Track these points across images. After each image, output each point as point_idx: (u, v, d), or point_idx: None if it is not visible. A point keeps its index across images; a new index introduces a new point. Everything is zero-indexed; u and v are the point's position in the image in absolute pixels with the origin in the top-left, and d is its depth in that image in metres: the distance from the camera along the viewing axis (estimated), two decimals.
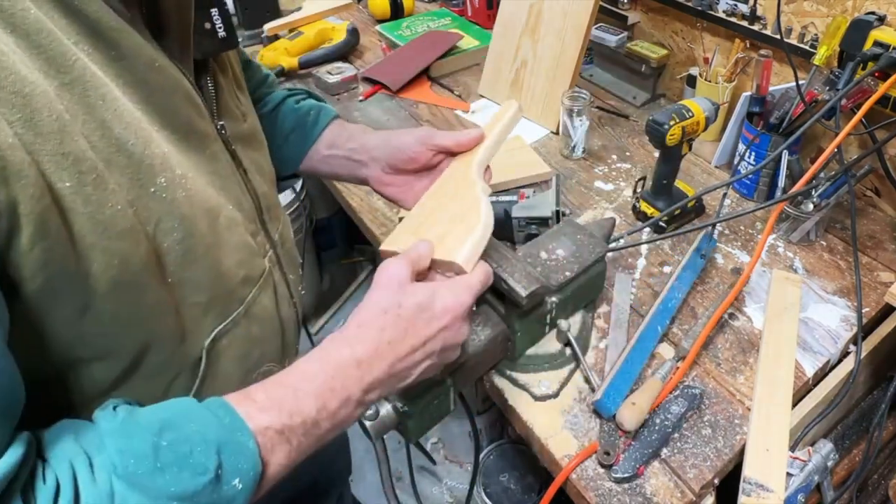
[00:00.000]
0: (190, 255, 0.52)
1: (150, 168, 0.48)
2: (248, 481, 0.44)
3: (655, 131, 0.96)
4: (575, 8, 1.24)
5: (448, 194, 0.71)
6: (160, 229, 0.49)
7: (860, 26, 0.91)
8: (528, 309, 0.76)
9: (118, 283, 0.46)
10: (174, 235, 0.50)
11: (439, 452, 1.77)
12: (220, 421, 0.45)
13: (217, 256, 0.55)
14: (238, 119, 0.64)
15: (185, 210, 0.51)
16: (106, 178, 0.44)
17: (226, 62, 0.64)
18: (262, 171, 0.67)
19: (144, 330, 0.51)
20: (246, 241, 0.60)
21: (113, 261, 0.45)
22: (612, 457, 0.72)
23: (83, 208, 0.43)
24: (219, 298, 0.57)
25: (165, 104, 0.51)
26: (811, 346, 0.86)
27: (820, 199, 0.97)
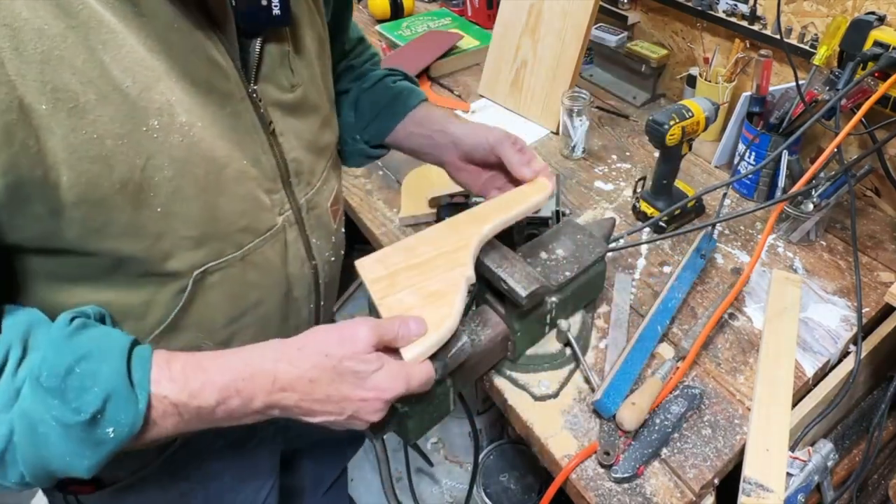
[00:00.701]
0: (180, 193, 0.57)
1: (144, 110, 0.53)
2: (120, 434, 0.50)
3: (655, 131, 0.96)
4: (575, 8, 1.24)
5: (445, 248, 0.72)
6: (150, 164, 0.55)
7: (860, 26, 0.91)
8: (528, 309, 0.76)
9: (86, 200, 0.52)
10: (164, 172, 0.56)
11: (439, 452, 1.77)
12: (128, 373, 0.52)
13: (214, 201, 0.61)
14: (283, 88, 0.69)
15: (179, 153, 0.56)
16: (88, 109, 0.50)
17: (284, 36, 0.68)
18: (300, 138, 0.71)
19: (119, 244, 0.56)
20: (255, 195, 0.66)
21: (81, 179, 0.51)
22: (612, 457, 0.72)
23: (57, 129, 0.49)
24: (211, 238, 0.62)
25: (184, 61, 0.57)
26: (811, 346, 0.86)
27: (820, 199, 0.97)
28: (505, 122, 1.36)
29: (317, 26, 0.75)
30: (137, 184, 0.54)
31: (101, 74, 0.50)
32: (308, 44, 0.72)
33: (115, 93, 0.51)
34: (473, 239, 0.72)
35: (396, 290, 0.67)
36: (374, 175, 1.22)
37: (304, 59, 0.72)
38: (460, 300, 0.66)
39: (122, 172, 0.53)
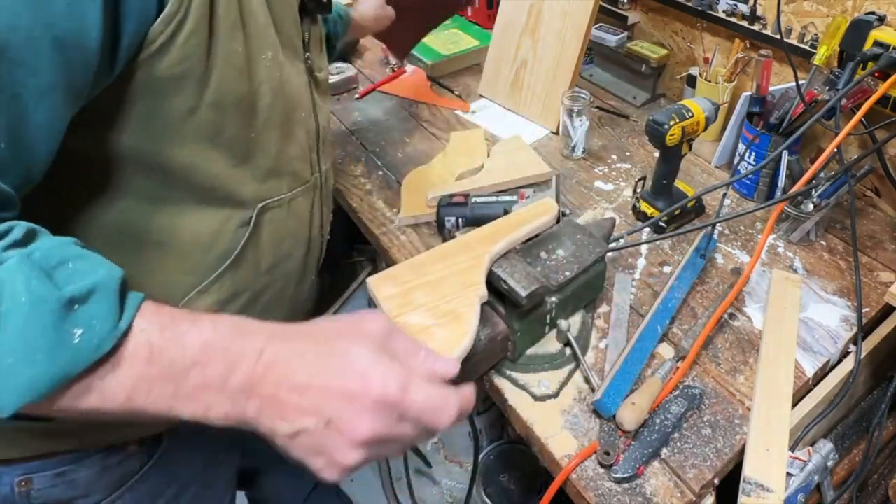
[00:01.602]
0: (271, 122, 0.66)
1: (263, 41, 0.62)
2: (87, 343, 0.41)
3: (655, 131, 0.96)
4: (575, 8, 1.24)
5: (456, 267, 0.74)
6: (260, 91, 0.63)
7: (860, 26, 0.91)
8: (528, 309, 0.76)
9: (218, 104, 0.59)
10: (266, 99, 0.64)
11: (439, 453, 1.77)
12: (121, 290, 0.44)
13: (287, 137, 0.70)
14: (317, 68, 0.78)
15: (277, 86, 0.66)
16: (237, 27, 0.59)
17: (318, 23, 0.80)
18: (324, 115, 0.81)
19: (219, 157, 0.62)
20: (305, 146, 0.75)
21: (222, 85, 0.59)
22: (612, 457, 0.72)
23: (221, 34, 0.57)
24: (275, 174, 0.70)
25: (281, 14, 0.66)
26: (811, 346, 0.86)
27: (820, 199, 0.97)
28: (505, 121, 1.36)
29: None
30: (250, 104, 0.63)
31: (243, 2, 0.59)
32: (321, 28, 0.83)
33: (251, 19, 0.60)
34: (484, 258, 0.74)
35: (410, 309, 0.68)
36: (374, 175, 1.22)
37: (321, 51, 0.82)
38: (475, 320, 0.67)
39: (244, 89, 0.61)
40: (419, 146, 1.30)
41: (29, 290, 0.40)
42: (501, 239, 0.77)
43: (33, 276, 0.41)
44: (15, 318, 0.40)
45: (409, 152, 1.28)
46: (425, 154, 1.27)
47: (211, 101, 0.59)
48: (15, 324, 0.40)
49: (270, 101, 0.65)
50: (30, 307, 0.40)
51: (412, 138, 1.33)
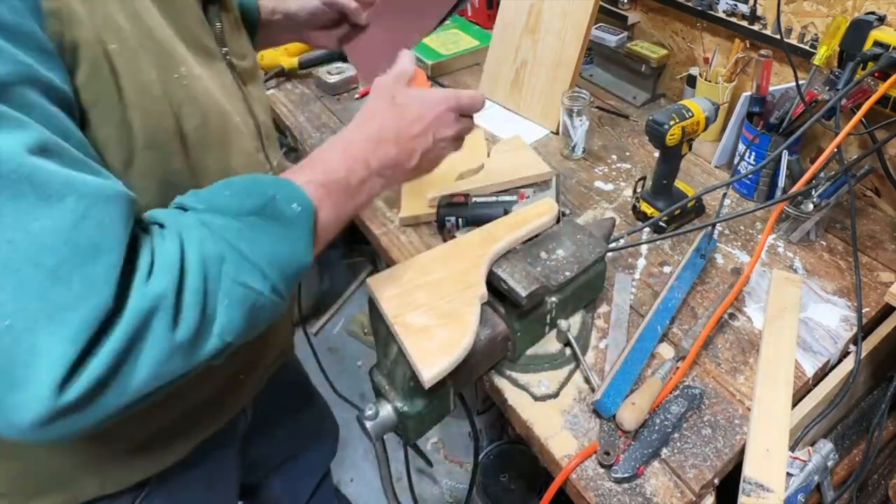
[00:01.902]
0: (205, 143, 0.61)
1: (172, 57, 0.57)
2: (306, 207, 0.55)
3: (655, 131, 0.96)
4: (575, 8, 1.24)
5: (457, 268, 0.74)
6: (183, 112, 0.58)
7: (860, 26, 0.91)
8: (528, 309, 0.76)
9: (153, 144, 0.55)
10: (193, 121, 0.59)
11: (439, 452, 1.77)
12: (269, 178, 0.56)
13: (227, 152, 0.65)
14: (240, 56, 0.74)
15: (203, 103, 0.60)
16: (139, 52, 0.53)
17: (230, 6, 0.74)
18: (261, 104, 0.77)
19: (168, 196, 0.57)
20: (250, 151, 0.70)
21: (149, 121, 0.54)
22: (612, 457, 0.72)
23: (126, 68, 0.52)
24: None
25: (181, 19, 0.61)
26: (811, 346, 0.86)
27: (820, 199, 0.97)
28: (505, 121, 1.36)
29: None
30: (179, 131, 0.58)
31: (137, 21, 0.54)
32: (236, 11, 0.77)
33: (150, 40, 0.55)
34: (484, 259, 0.74)
35: (410, 309, 0.68)
36: None
37: (242, 33, 0.77)
38: (475, 320, 0.67)
39: (170, 118, 0.57)
40: None
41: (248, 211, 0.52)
42: (501, 239, 0.77)
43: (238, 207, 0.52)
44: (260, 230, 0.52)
45: None
46: None
47: (143, 145, 0.55)
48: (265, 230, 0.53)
49: (199, 122, 0.60)
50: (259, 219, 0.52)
51: None
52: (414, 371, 0.66)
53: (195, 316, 0.47)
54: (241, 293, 0.50)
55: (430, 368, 0.63)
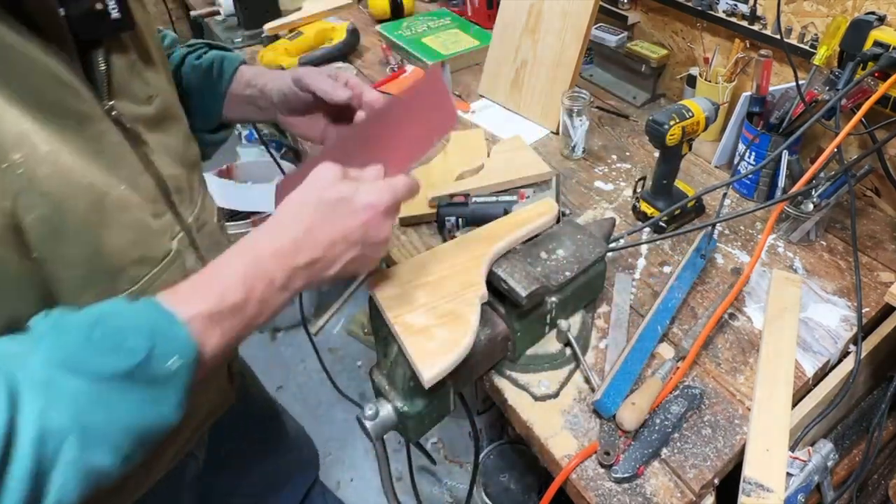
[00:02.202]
0: (59, 233, 0.52)
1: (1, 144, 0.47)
2: (186, 359, 0.47)
3: (655, 131, 0.96)
4: (575, 8, 1.24)
5: (456, 268, 0.74)
6: (19, 205, 0.48)
7: (860, 26, 0.91)
8: (528, 309, 0.76)
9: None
10: (37, 212, 0.50)
11: (439, 452, 1.77)
12: (149, 313, 0.48)
13: (98, 235, 0.55)
14: (140, 101, 0.63)
15: (52, 187, 0.50)
16: None
17: (127, 44, 0.63)
18: (172, 153, 0.67)
19: (12, 302, 0.51)
20: (144, 222, 0.61)
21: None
22: (612, 457, 0.72)
23: None
24: (101, 276, 0.56)
25: (25, 84, 0.50)
26: (811, 346, 0.86)
27: (820, 199, 0.97)
28: (505, 121, 1.36)
29: (153, 30, 0.70)
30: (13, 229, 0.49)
31: None
32: (153, 51, 0.67)
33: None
34: (484, 259, 0.74)
35: (410, 309, 0.68)
36: None
37: (154, 68, 0.67)
38: (475, 320, 0.67)
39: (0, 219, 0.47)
40: None
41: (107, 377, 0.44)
42: (501, 239, 0.77)
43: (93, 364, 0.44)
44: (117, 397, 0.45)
45: None
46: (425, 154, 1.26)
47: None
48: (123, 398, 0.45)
49: (48, 211, 0.50)
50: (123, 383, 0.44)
51: None
52: (414, 371, 0.66)
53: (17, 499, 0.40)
54: (82, 474, 0.43)
55: (430, 368, 0.63)
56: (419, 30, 1.68)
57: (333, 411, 1.89)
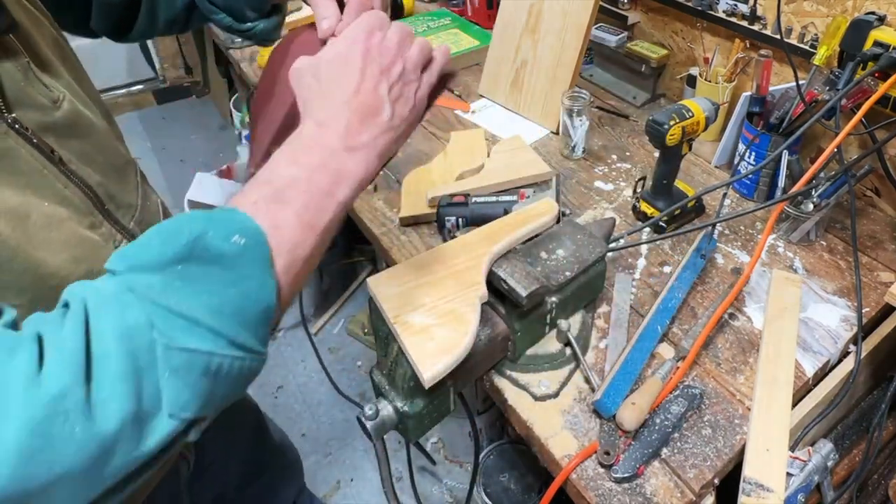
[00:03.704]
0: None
1: None
2: (252, 236, 0.44)
3: (655, 131, 0.96)
4: (575, 8, 1.24)
5: (456, 267, 0.74)
6: None
7: (860, 26, 0.91)
8: (528, 309, 0.76)
9: None
10: None
11: (439, 452, 1.77)
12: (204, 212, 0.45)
13: (34, 257, 0.52)
14: (45, 107, 0.57)
15: None
16: None
17: (14, 46, 0.56)
18: (91, 161, 0.62)
19: None
20: (81, 235, 0.57)
21: None
22: (612, 457, 0.72)
23: None
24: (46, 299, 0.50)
25: None
26: (811, 346, 0.86)
27: (820, 199, 0.97)
28: (505, 121, 1.36)
29: (45, 28, 0.63)
30: None
31: None
32: (45, 52, 0.61)
33: None
34: (484, 258, 0.74)
35: (410, 309, 0.68)
36: None
37: (51, 70, 0.61)
38: (475, 320, 0.67)
39: None
40: (419, 146, 1.30)
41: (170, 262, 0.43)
42: (501, 239, 0.77)
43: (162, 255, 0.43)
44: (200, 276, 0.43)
45: (409, 152, 1.28)
46: (425, 154, 1.27)
47: None
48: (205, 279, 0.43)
49: None
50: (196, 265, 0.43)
51: (412, 138, 1.33)
52: (414, 371, 0.66)
53: (123, 404, 0.38)
54: (185, 359, 0.41)
55: (430, 368, 0.63)
56: (419, 30, 1.69)
57: (333, 411, 1.89)
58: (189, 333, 0.41)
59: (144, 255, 0.43)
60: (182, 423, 0.41)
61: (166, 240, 0.43)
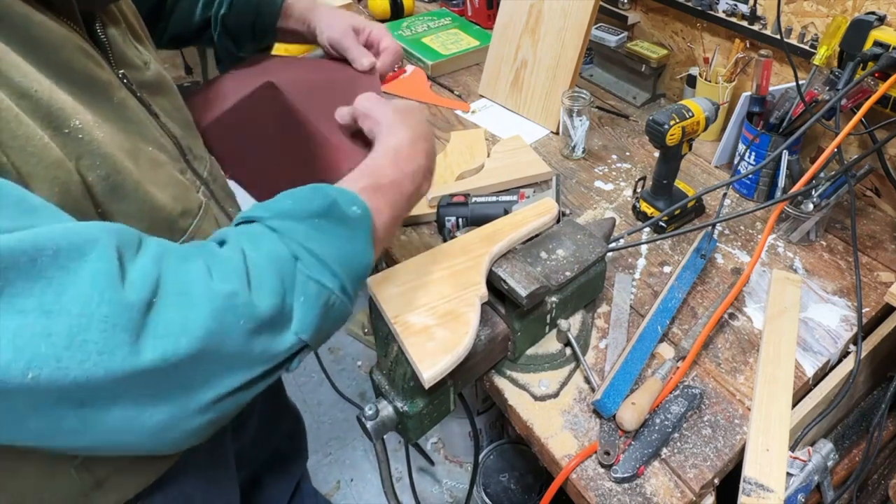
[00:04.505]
0: (119, 191, 0.56)
1: (62, 111, 0.51)
2: (364, 210, 0.56)
3: (655, 131, 0.96)
4: (575, 8, 1.24)
5: (456, 268, 0.74)
6: (82, 165, 0.52)
7: (860, 26, 0.91)
8: (528, 309, 0.76)
9: (65, 209, 0.48)
10: (99, 172, 0.54)
11: (439, 452, 1.77)
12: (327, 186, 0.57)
13: (148, 191, 0.59)
14: (140, 68, 0.67)
15: (105, 149, 0.54)
16: (22, 118, 0.47)
17: (116, 14, 0.66)
18: (172, 117, 0.71)
19: None
20: (176, 178, 0.65)
21: (54, 188, 0.49)
22: (612, 457, 0.72)
23: (12, 142, 0.46)
24: (159, 229, 0.60)
25: (56, 57, 0.53)
26: (811, 346, 0.86)
27: (820, 199, 0.97)
28: (505, 121, 1.36)
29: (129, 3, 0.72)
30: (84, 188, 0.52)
31: (6, 84, 0.47)
32: (133, 21, 0.71)
33: (25, 100, 0.48)
34: (484, 258, 0.74)
35: (410, 309, 0.68)
36: None
37: (138, 37, 0.71)
38: (475, 320, 0.67)
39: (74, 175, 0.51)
40: None
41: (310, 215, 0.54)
42: (501, 239, 0.77)
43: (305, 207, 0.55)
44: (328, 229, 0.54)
45: None
46: None
47: None
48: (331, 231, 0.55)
49: (105, 170, 0.54)
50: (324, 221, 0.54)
51: None
52: (414, 371, 0.66)
53: (271, 311, 0.48)
54: (316, 290, 0.51)
55: (430, 368, 0.63)
56: (419, 30, 1.68)
57: (333, 411, 1.89)
58: (321, 272, 0.52)
59: (287, 208, 0.54)
60: (298, 344, 0.50)
61: (300, 200, 0.54)
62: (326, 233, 0.53)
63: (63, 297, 0.40)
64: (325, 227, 0.54)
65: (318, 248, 0.52)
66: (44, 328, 0.39)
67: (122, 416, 0.44)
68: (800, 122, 1.00)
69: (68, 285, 0.40)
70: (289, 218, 0.53)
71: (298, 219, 0.53)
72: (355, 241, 0.55)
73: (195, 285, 0.46)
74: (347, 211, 0.55)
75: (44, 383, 0.39)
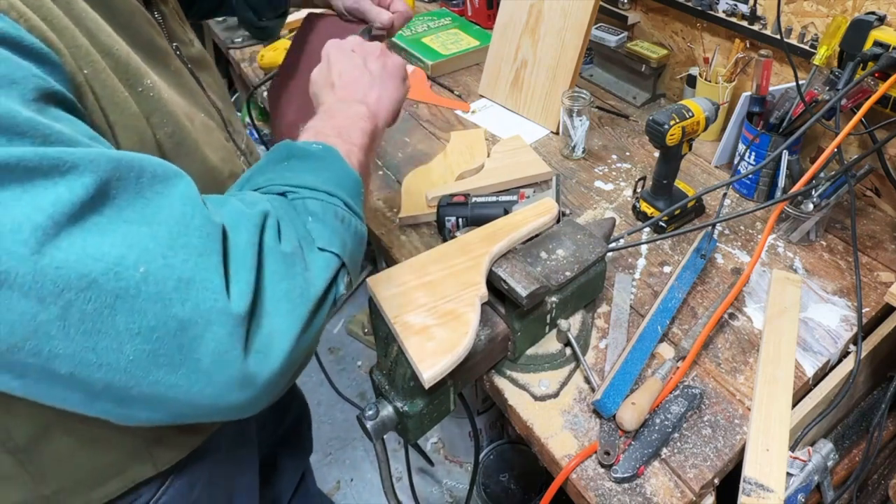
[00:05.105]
0: (182, 148, 0.61)
1: (137, 70, 0.56)
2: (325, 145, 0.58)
3: (655, 131, 0.96)
4: (575, 8, 1.24)
5: (456, 268, 0.74)
6: (152, 122, 0.57)
7: (860, 26, 0.91)
8: (528, 309, 0.76)
9: None
10: (166, 129, 0.59)
11: (439, 453, 1.77)
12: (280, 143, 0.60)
13: (204, 152, 0.64)
14: (187, 43, 0.73)
15: (170, 109, 0.59)
16: (109, 74, 0.52)
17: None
18: (214, 90, 0.77)
19: None
20: (224, 143, 0.71)
21: (134, 137, 0.54)
22: (613, 457, 0.72)
23: (101, 91, 0.51)
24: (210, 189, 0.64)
25: (129, 23, 0.59)
26: (811, 346, 0.86)
27: (820, 199, 0.97)
28: (505, 121, 1.36)
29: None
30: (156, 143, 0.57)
31: (93, 41, 0.52)
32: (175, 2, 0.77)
33: (108, 58, 0.53)
34: (484, 258, 0.74)
35: (410, 309, 0.68)
36: (373, 175, 1.22)
37: (181, 17, 0.77)
38: (475, 320, 0.67)
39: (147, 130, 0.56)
40: (419, 146, 1.30)
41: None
42: (501, 239, 0.77)
43: None
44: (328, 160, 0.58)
45: (409, 152, 1.28)
46: (425, 154, 1.27)
47: None
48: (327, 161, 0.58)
49: (172, 129, 0.60)
50: None
51: (412, 138, 1.33)
52: (414, 371, 0.66)
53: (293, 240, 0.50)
54: (319, 206, 0.54)
55: (430, 368, 0.63)
56: (419, 30, 1.68)
57: (333, 411, 1.89)
58: (313, 195, 0.54)
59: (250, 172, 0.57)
60: (331, 257, 0.52)
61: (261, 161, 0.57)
62: (300, 169, 0.56)
63: (160, 214, 0.44)
64: (295, 166, 0.56)
65: (300, 179, 0.55)
66: (149, 232, 0.43)
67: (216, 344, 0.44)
68: (800, 122, 1.00)
69: (164, 206, 0.44)
70: (258, 174, 0.56)
71: (268, 170, 0.56)
72: (332, 165, 0.57)
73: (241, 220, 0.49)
74: (308, 148, 0.57)
75: (152, 280, 0.41)
